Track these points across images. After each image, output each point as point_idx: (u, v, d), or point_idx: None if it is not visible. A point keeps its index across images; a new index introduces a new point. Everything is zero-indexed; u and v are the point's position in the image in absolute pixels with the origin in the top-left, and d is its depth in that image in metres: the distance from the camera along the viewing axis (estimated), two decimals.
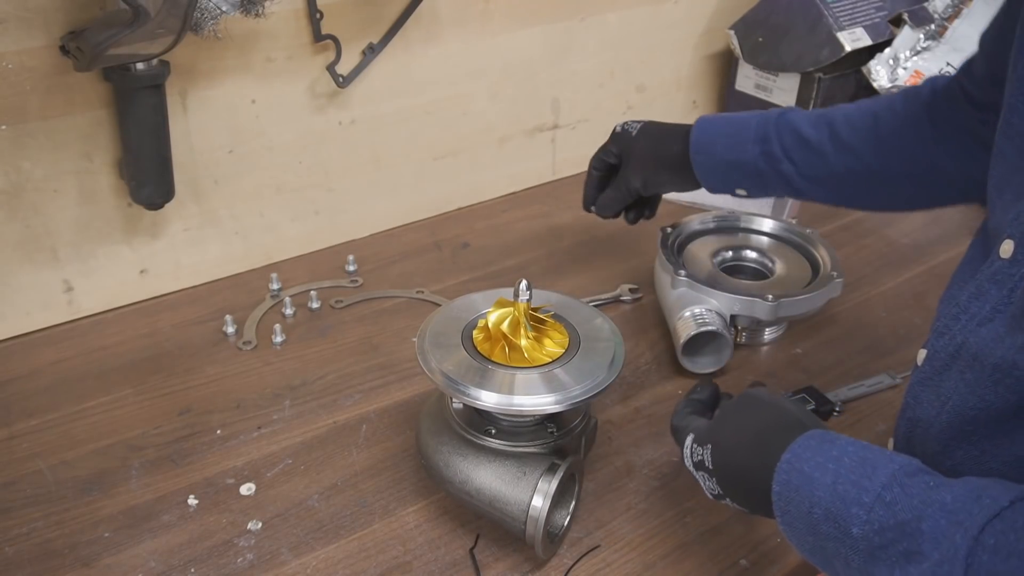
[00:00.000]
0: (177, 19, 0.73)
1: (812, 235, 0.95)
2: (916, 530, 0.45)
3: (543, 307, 0.69)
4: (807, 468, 0.50)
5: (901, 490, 0.46)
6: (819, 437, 0.52)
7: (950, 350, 0.56)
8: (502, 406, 0.62)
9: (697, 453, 0.61)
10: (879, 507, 0.46)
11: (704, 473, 0.60)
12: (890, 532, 0.45)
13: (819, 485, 0.49)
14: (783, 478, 0.51)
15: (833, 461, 0.50)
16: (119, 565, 0.65)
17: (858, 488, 0.48)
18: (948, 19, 1.20)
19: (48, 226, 0.86)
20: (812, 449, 0.51)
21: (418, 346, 0.67)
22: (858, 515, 0.47)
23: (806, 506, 0.49)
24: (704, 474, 0.60)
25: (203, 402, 0.81)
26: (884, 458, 0.49)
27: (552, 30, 1.13)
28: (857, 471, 0.48)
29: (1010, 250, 0.53)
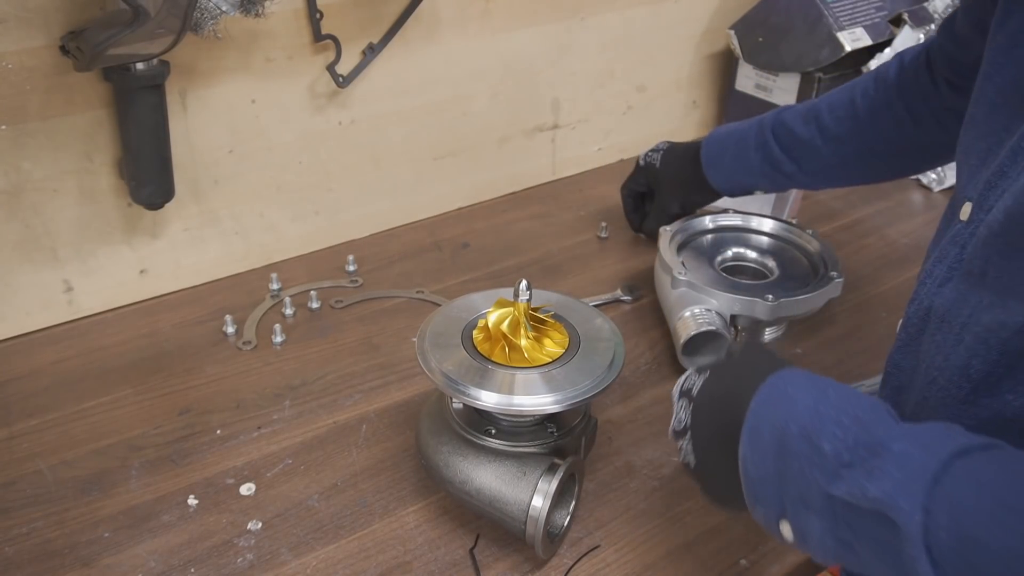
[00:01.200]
0: (177, 19, 0.73)
1: (812, 235, 0.95)
2: (887, 449, 0.45)
3: (543, 307, 0.69)
4: (791, 390, 0.51)
5: (877, 416, 0.47)
6: (807, 374, 0.53)
7: (920, 314, 0.59)
8: (502, 406, 0.62)
9: (691, 380, 0.60)
10: (855, 426, 0.47)
11: (684, 401, 0.59)
12: (861, 449, 0.46)
13: (800, 405, 0.49)
14: (764, 395, 0.51)
15: (818, 390, 0.50)
16: (119, 565, 0.65)
17: (837, 410, 0.48)
18: None
19: (48, 226, 0.86)
20: (800, 377, 0.52)
21: (418, 346, 0.67)
22: (834, 432, 0.47)
23: (781, 421, 0.49)
24: (684, 402, 0.59)
25: (203, 402, 0.81)
26: (867, 396, 0.50)
27: (552, 30, 1.13)
28: (840, 399, 0.49)
29: (968, 212, 0.56)
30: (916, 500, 0.42)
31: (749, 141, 0.91)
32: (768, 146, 0.90)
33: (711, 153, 0.94)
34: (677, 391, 0.61)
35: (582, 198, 1.19)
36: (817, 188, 0.95)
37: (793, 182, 0.92)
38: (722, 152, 0.94)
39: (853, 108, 0.85)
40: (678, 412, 0.59)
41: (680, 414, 0.58)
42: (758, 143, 0.90)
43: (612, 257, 1.06)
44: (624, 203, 1.06)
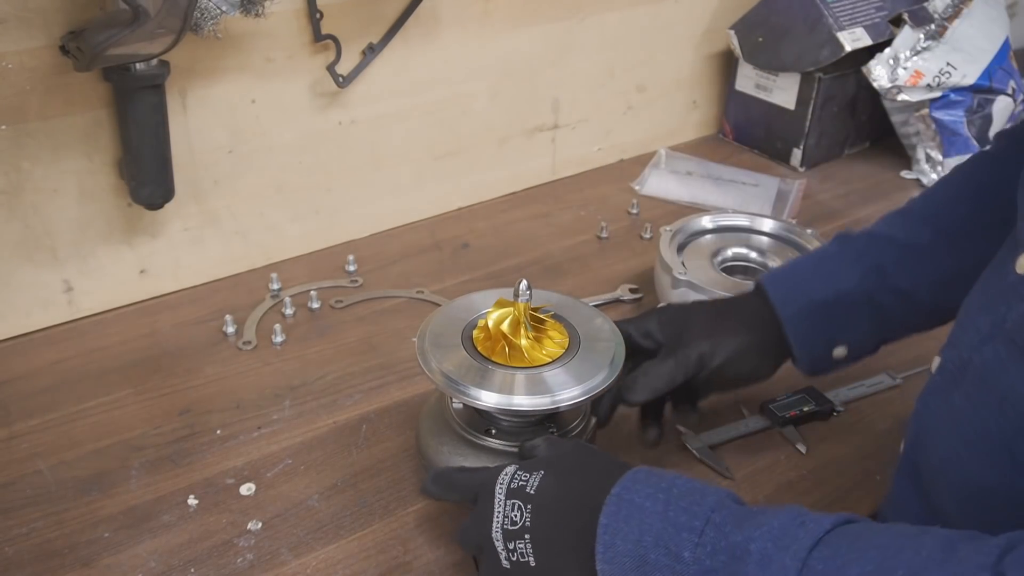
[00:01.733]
0: (177, 19, 0.73)
1: (812, 235, 0.95)
2: (745, 551, 0.45)
3: (543, 307, 0.69)
4: (637, 499, 0.50)
5: (729, 513, 0.48)
6: (647, 471, 0.52)
7: (958, 364, 0.54)
8: (502, 406, 0.62)
9: (520, 479, 0.55)
10: (710, 529, 0.47)
11: (517, 502, 0.54)
12: (721, 555, 0.46)
13: (649, 513, 0.49)
14: (612, 510, 0.50)
15: (663, 491, 0.50)
16: (119, 565, 0.65)
17: (688, 514, 0.48)
18: (948, 19, 1.20)
19: (48, 226, 0.86)
20: (641, 482, 0.51)
21: (418, 346, 0.67)
22: (689, 539, 0.47)
23: (635, 535, 0.49)
24: (517, 503, 0.54)
25: (203, 402, 0.81)
26: (711, 487, 0.50)
27: (552, 30, 1.13)
28: (687, 498, 0.49)
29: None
30: None
31: (834, 261, 0.70)
32: (866, 255, 0.69)
33: (780, 284, 0.70)
34: (503, 490, 0.55)
35: (582, 198, 1.19)
36: (941, 319, 0.70)
37: (905, 307, 0.69)
38: (797, 280, 0.71)
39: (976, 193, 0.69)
40: (507, 512, 0.54)
41: (511, 514, 0.54)
42: (848, 257, 0.69)
43: (612, 257, 1.06)
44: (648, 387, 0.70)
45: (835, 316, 0.68)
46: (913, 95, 1.20)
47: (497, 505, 0.55)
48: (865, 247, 0.69)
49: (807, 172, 1.28)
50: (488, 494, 0.56)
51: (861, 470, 0.76)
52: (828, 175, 1.28)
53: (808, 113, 1.24)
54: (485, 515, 0.56)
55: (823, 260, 0.70)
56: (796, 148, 1.27)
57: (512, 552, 0.54)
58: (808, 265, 0.70)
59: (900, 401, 0.83)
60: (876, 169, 1.30)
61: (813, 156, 1.28)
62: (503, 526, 0.54)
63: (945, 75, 1.19)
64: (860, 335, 0.69)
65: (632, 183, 1.23)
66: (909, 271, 0.67)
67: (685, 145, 1.35)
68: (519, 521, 0.54)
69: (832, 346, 0.69)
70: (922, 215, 0.70)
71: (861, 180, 1.27)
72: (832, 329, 0.68)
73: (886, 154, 1.32)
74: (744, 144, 1.35)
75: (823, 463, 0.77)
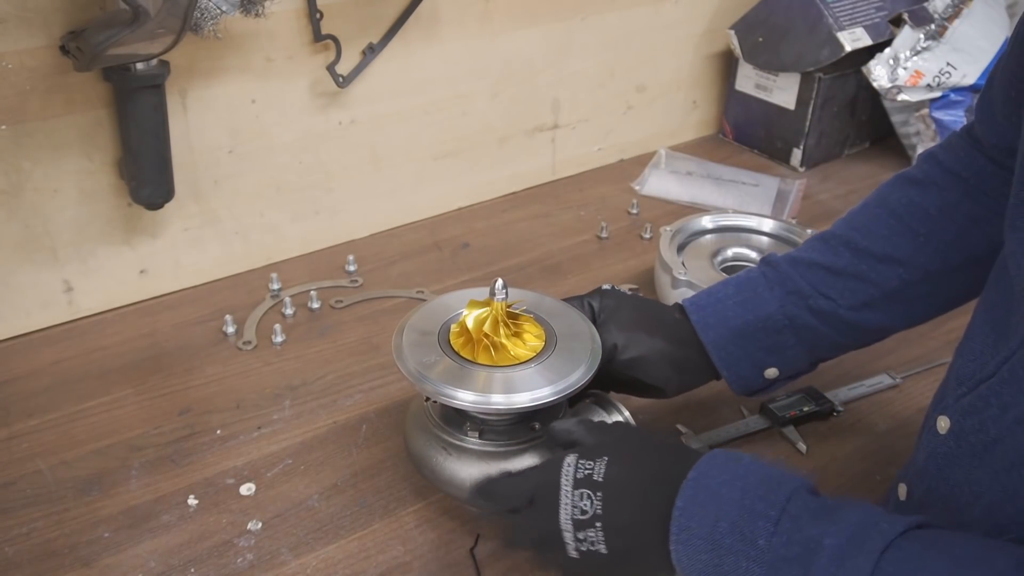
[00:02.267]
0: (177, 19, 0.73)
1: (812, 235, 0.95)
2: (819, 545, 0.46)
3: (516, 302, 0.68)
4: (714, 484, 0.50)
5: (804, 504, 0.48)
6: (724, 456, 0.52)
7: (982, 439, 0.51)
8: (495, 406, 0.62)
9: (585, 467, 0.55)
10: (785, 519, 0.48)
11: (586, 491, 0.54)
12: (796, 546, 0.47)
13: (726, 500, 0.49)
14: (689, 494, 0.51)
15: (740, 479, 0.50)
16: (119, 565, 0.65)
17: (765, 502, 0.49)
18: (948, 19, 1.21)
19: (48, 226, 0.86)
20: (718, 467, 0.52)
21: (396, 354, 0.66)
22: (765, 527, 0.48)
23: (711, 519, 0.49)
24: (586, 492, 0.54)
25: (203, 402, 0.81)
26: (787, 475, 0.51)
27: (552, 30, 1.13)
28: (764, 486, 0.49)
29: None
30: None
31: (754, 284, 0.70)
32: (787, 280, 0.69)
33: (701, 308, 0.70)
34: (569, 481, 0.55)
35: (582, 198, 1.19)
36: (856, 341, 0.72)
37: (825, 327, 0.69)
38: (718, 303, 0.70)
39: (898, 219, 0.68)
40: (576, 501, 0.54)
41: (581, 503, 0.54)
42: (770, 282, 0.69)
43: (612, 257, 1.06)
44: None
45: (759, 340, 0.68)
46: (913, 95, 1.20)
47: (564, 496, 0.54)
48: (786, 271, 0.69)
49: (807, 172, 1.28)
50: (552, 487, 0.55)
51: (861, 470, 0.76)
52: (828, 175, 1.28)
53: (808, 113, 1.24)
54: (549, 509, 0.55)
55: (744, 285, 0.70)
56: (796, 148, 1.27)
57: (582, 542, 0.54)
58: (730, 291, 0.70)
59: (900, 401, 0.83)
60: (876, 169, 1.30)
61: (813, 156, 1.28)
62: (573, 516, 0.54)
63: (945, 75, 1.19)
64: (789, 357, 0.69)
65: (632, 183, 1.23)
66: (828, 293, 0.68)
67: (685, 145, 1.35)
68: (589, 510, 0.54)
69: (762, 368, 0.69)
70: (842, 238, 0.70)
71: (861, 180, 1.27)
72: (758, 353, 0.69)
73: (886, 154, 1.32)
74: (744, 144, 1.35)
75: (823, 463, 0.77)
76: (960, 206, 0.67)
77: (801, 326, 0.68)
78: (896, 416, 0.82)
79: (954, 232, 0.67)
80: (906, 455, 0.64)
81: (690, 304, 0.71)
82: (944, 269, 0.67)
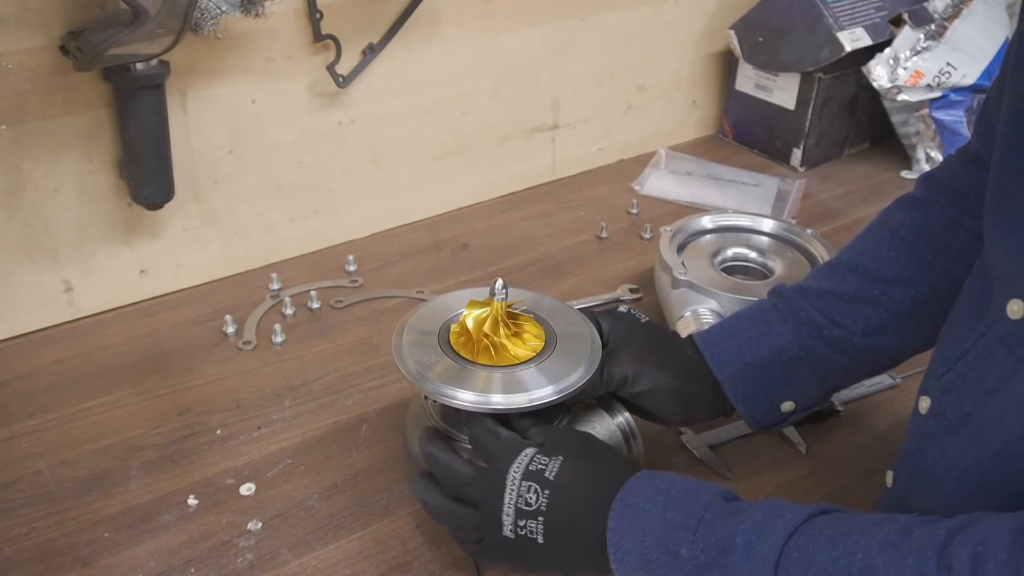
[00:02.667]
0: (177, 19, 0.73)
1: (812, 235, 0.95)
2: (731, 544, 0.49)
3: (515, 302, 0.68)
4: (639, 502, 0.54)
5: (719, 511, 0.52)
6: (647, 475, 0.56)
7: (958, 414, 0.52)
8: (479, 405, 0.62)
9: (540, 462, 0.58)
10: (702, 528, 0.51)
11: (534, 485, 0.57)
12: (713, 550, 0.50)
13: (650, 516, 0.53)
14: (617, 514, 0.54)
15: (662, 494, 0.54)
16: (119, 565, 0.65)
17: (684, 514, 0.52)
18: (948, 19, 1.20)
19: (48, 226, 0.86)
20: (643, 486, 0.55)
21: (395, 355, 0.66)
22: (685, 537, 0.51)
23: (639, 536, 0.53)
24: (534, 485, 0.57)
25: (203, 402, 0.81)
26: (706, 486, 0.55)
27: (552, 30, 1.13)
28: (683, 499, 0.53)
29: (1020, 312, 0.48)
30: None
31: (766, 317, 0.69)
32: (799, 311, 0.68)
33: (715, 345, 0.70)
34: (520, 470, 0.58)
35: (582, 198, 1.19)
36: (872, 367, 0.71)
37: (840, 357, 0.68)
38: (730, 340, 0.69)
39: (904, 241, 0.68)
40: (522, 492, 0.57)
41: (527, 495, 0.57)
42: (781, 314, 0.69)
43: (612, 257, 1.06)
44: None
45: (774, 374, 0.68)
46: (913, 95, 1.20)
47: (511, 483, 0.58)
48: (797, 302, 0.69)
49: (807, 172, 1.28)
50: (500, 469, 0.59)
51: (861, 470, 0.76)
52: (828, 175, 1.28)
53: (808, 113, 1.24)
54: (494, 486, 0.58)
55: (757, 319, 0.69)
56: (796, 148, 1.27)
57: (521, 528, 0.57)
58: (743, 325, 0.70)
59: (900, 401, 0.83)
60: (876, 169, 1.30)
61: (813, 156, 1.28)
62: (516, 504, 0.57)
63: (945, 75, 1.19)
64: (804, 389, 0.69)
65: (632, 183, 1.23)
66: (840, 321, 0.68)
67: (685, 145, 1.35)
68: (534, 504, 0.57)
69: (778, 402, 0.69)
70: (849, 264, 0.70)
71: (861, 180, 1.27)
72: (774, 387, 0.68)
73: (886, 154, 1.32)
74: (744, 144, 1.35)
75: (823, 463, 0.77)
76: (963, 222, 0.67)
77: (815, 356, 0.68)
78: (896, 416, 0.82)
79: (959, 249, 0.67)
80: None
81: (703, 340, 0.70)
82: (951, 287, 0.66)
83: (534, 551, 0.58)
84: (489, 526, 0.58)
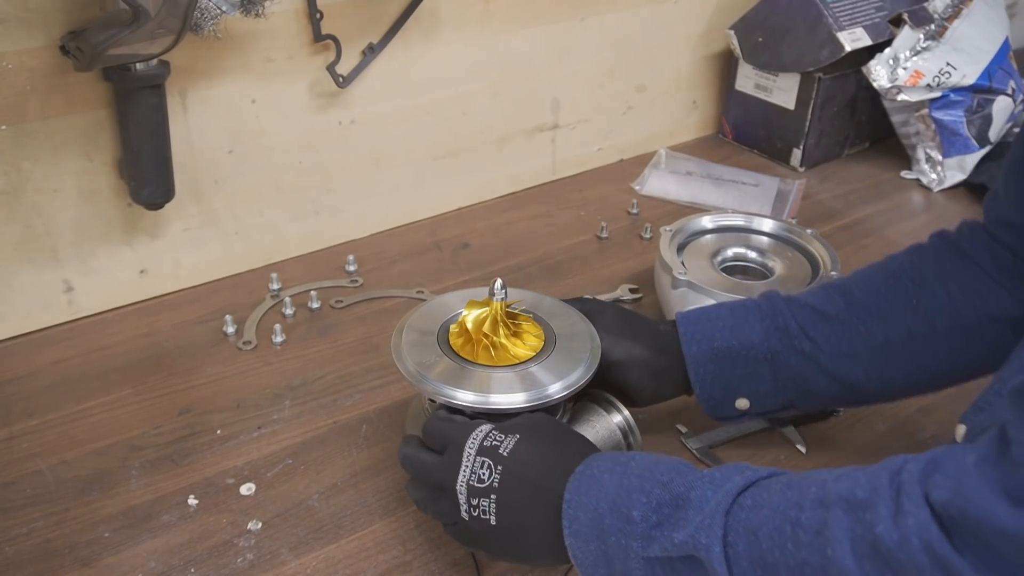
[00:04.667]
0: (177, 19, 0.73)
1: (812, 235, 0.95)
2: (686, 499, 0.49)
3: (515, 302, 0.68)
4: (597, 472, 0.54)
5: (677, 473, 0.52)
6: (611, 453, 0.56)
7: (985, 429, 0.50)
8: (479, 405, 0.62)
9: (495, 438, 0.58)
10: (657, 489, 0.51)
11: (487, 460, 0.56)
12: (666, 507, 0.50)
13: (607, 484, 0.52)
14: (574, 486, 0.54)
15: (621, 465, 0.53)
16: (119, 565, 0.65)
17: (641, 479, 0.52)
18: (948, 19, 1.20)
19: (48, 226, 0.86)
20: (605, 460, 0.55)
21: (395, 355, 0.66)
22: (639, 499, 0.51)
23: (593, 503, 0.52)
24: (487, 461, 0.56)
25: (203, 402, 0.81)
26: (669, 459, 0.54)
27: (552, 30, 1.13)
28: (643, 468, 0.53)
29: None
30: (715, 535, 0.47)
31: (748, 312, 0.70)
32: (778, 315, 0.69)
33: (691, 322, 0.71)
34: (475, 446, 0.57)
35: (582, 198, 1.19)
36: (832, 395, 0.70)
37: (805, 368, 0.68)
38: (707, 321, 0.70)
39: (896, 280, 0.70)
40: (476, 468, 0.56)
41: (479, 471, 0.56)
42: (762, 313, 0.70)
43: (612, 257, 1.06)
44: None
45: (737, 367, 0.68)
46: (913, 95, 1.20)
47: (466, 459, 0.57)
48: (780, 308, 0.70)
49: (807, 172, 1.28)
50: (457, 446, 0.58)
51: None
52: (828, 175, 1.28)
53: (808, 113, 1.24)
54: (451, 465, 0.58)
55: (737, 311, 0.70)
56: (796, 148, 1.27)
57: (474, 508, 0.56)
58: (722, 312, 0.71)
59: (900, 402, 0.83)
60: (876, 169, 1.30)
61: (813, 156, 1.28)
62: (469, 481, 0.56)
63: (945, 75, 1.19)
64: (761, 391, 0.69)
65: (632, 183, 1.23)
66: (812, 336, 0.68)
67: (685, 145, 1.35)
68: (487, 480, 0.56)
69: (734, 396, 0.69)
70: (839, 287, 0.71)
71: (861, 180, 1.27)
72: (734, 379, 0.69)
73: (886, 154, 1.32)
74: (744, 144, 1.35)
75: (823, 463, 0.77)
76: (956, 276, 0.68)
77: (780, 363, 0.68)
78: (896, 416, 0.82)
79: (944, 300, 0.68)
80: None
81: (682, 316, 0.71)
82: (928, 333, 0.67)
83: (490, 535, 0.57)
84: (453, 508, 0.58)
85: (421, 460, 0.61)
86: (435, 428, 0.62)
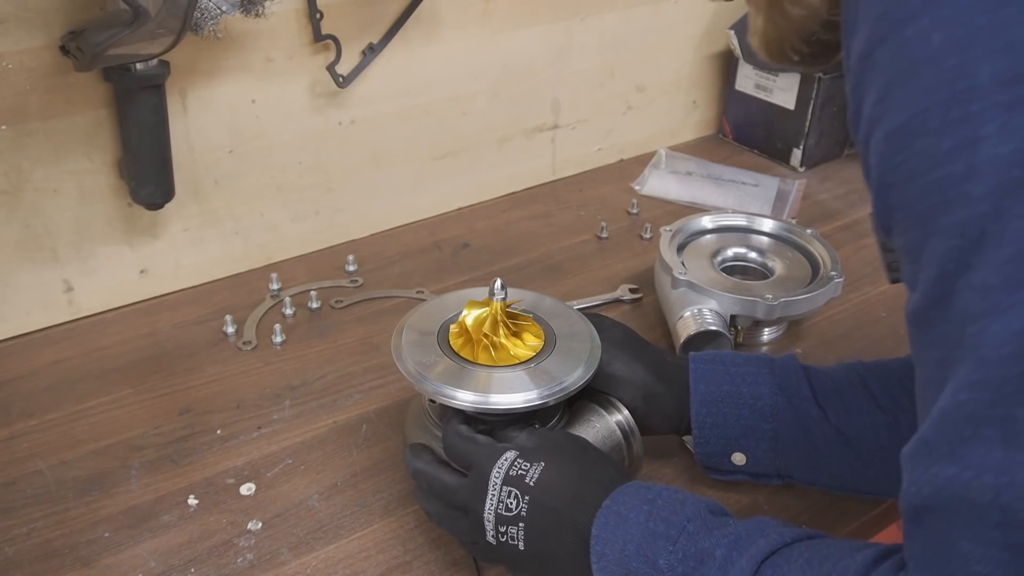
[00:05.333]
0: (177, 19, 0.73)
1: (812, 235, 0.95)
2: (711, 556, 0.49)
3: (515, 302, 0.68)
4: (624, 510, 0.53)
5: (703, 523, 0.51)
6: (636, 485, 0.56)
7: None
8: (479, 405, 0.62)
9: (520, 467, 0.57)
10: (683, 538, 0.51)
11: (514, 491, 0.56)
12: (691, 560, 0.50)
13: (633, 524, 0.52)
14: (602, 521, 0.54)
15: (647, 503, 0.53)
16: (119, 565, 0.65)
17: (667, 523, 0.52)
18: None
19: (48, 226, 0.86)
20: (630, 494, 0.54)
21: (395, 355, 0.66)
22: (665, 547, 0.51)
23: (620, 544, 0.52)
24: (514, 491, 0.56)
25: (203, 402, 0.81)
26: (694, 498, 0.54)
27: (552, 30, 1.13)
28: (668, 509, 0.53)
29: None
30: None
31: (762, 365, 0.67)
32: (791, 374, 0.67)
33: (705, 363, 0.68)
34: (500, 475, 0.57)
35: (582, 198, 1.19)
36: (822, 480, 0.68)
37: (804, 436, 0.66)
38: (719, 366, 0.68)
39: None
40: (503, 497, 0.56)
41: (507, 500, 0.56)
42: (774, 369, 0.67)
43: (612, 257, 1.06)
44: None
45: (741, 416, 0.66)
46: None
47: (492, 488, 0.57)
48: (795, 371, 0.67)
49: (807, 172, 1.28)
50: (482, 474, 0.58)
51: None
52: (828, 175, 1.28)
53: (808, 113, 1.24)
54: (477, 490, 0.58)
55: (752, 362, 0.68)
56: (796, 148, 1.27)
57: (502, 534, 0.57)
58: (737, 360, 0.68)
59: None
60: None
61: (813, 156, 1.28)
62: (496, 510, 0.57)
63: None
64: (759, 448, 0.66)
65: (632, 183, 1.23)
66: (823, 404, 0.65)
67: (685, 145, 1.35)
68: (515, 509, 0.56)
69: (731, 448, 0.67)
70: (869, 366, 0.68)
71: (861, 180, 1.26)
72: (735, 429, 0.66)
73: None
74: (744, 144, 1.35)
75: None
76: None
77: (782, 421, 0.65)
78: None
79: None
80: None
81: (695, 354, 0.69)
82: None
83: (517, 558, 0.57)
84: (477, 531, 0.58)
85: (440, 480, 0.60)
86: (457, 447, 0.61)
